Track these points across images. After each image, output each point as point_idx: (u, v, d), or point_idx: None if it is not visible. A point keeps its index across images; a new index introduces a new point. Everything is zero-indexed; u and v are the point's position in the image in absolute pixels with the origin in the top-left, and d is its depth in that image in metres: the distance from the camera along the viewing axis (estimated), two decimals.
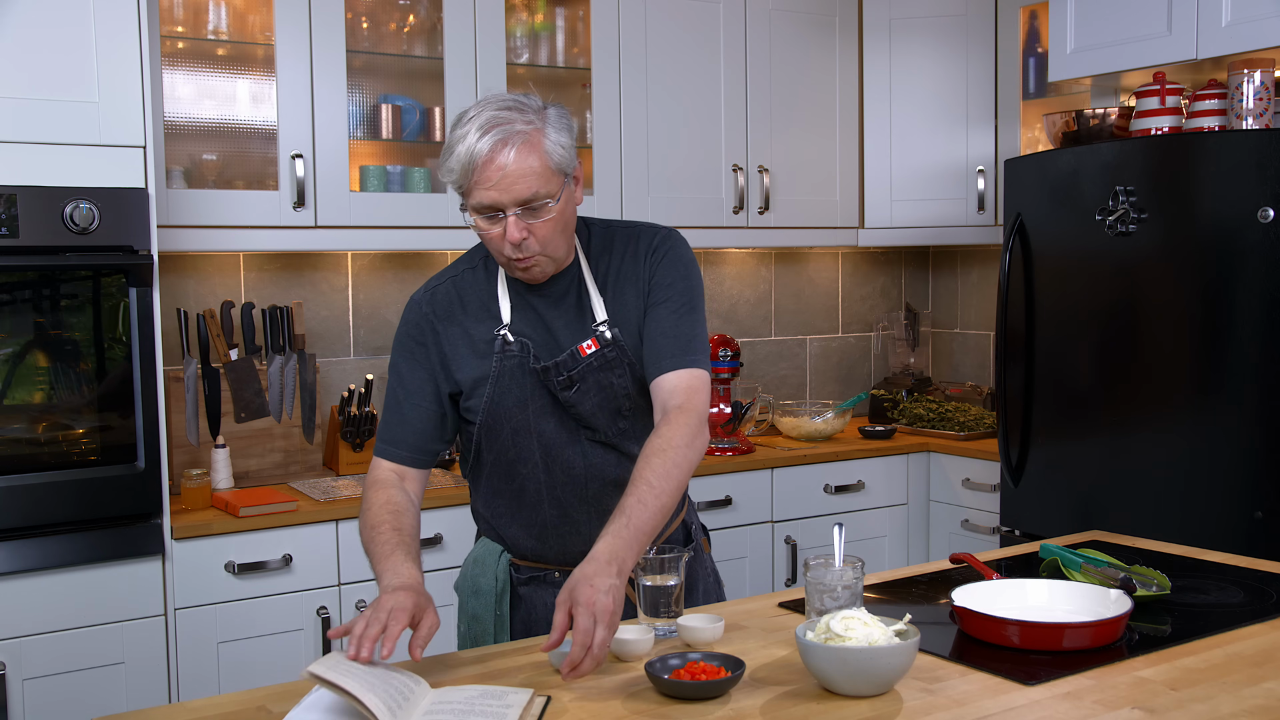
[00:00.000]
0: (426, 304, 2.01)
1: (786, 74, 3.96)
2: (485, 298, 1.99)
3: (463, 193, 1.84)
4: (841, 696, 1.57)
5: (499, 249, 1.86)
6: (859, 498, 3.84)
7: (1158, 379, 3.11)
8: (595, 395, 1.95)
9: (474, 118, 1.80)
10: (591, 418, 1.96)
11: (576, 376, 1.94)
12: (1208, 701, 1.55)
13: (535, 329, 1.96)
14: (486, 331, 1.97)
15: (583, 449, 1.98)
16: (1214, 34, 3.15)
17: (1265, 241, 2.87)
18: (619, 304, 1.97)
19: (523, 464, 1.98)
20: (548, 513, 2.00)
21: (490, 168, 1.78)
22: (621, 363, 1.96)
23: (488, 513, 2.07)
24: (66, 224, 2.61)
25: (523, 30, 3.62)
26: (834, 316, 4.54)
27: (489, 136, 1.78)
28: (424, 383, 1.99)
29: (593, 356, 1.94)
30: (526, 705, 1.54)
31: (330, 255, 3.56)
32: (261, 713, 1.58)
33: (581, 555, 1.74)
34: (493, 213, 1.82)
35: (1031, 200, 3.42)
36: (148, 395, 2.72)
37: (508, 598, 2.05)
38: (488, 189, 1.79)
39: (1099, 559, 2.07)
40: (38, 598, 2.62)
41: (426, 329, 1.99)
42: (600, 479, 1.98)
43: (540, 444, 1.97)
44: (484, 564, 2.06)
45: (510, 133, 1.78)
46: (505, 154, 1.78)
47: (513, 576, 2.06)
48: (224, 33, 3.22)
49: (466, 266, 2.04)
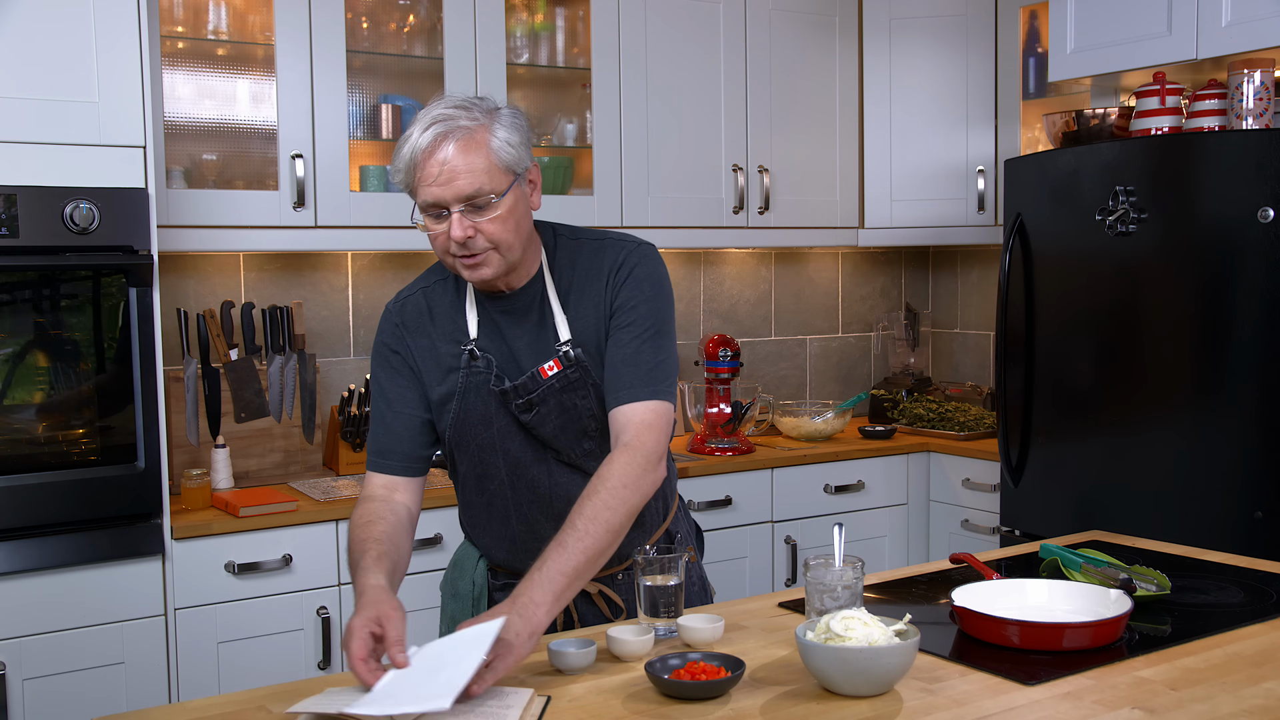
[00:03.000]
0: (397, 314, 1.99)
1: (786, 74, 3.96)
2: (453, 312, 1.96)
3: (411, 193, 1.81)
4: (841, 696, 1.57)
5: (444, 249, 1.81)
6: (859, 498, 3.84)
7: (1158, 379, 3.11)
8: (557, 418, 1.92)
9: (420, 118, 1.79)
10: (554, 439, 1.93)
11: (537, 400, 1.90)
12: (1208, 701, 1.55)
13: (499, 347, 1.93)
14: (454, 347, 1.94)
15: (549, 468, 1.95)
16: (1214, 34, 3.15)
17: (1265, 241, 2.87)
18: (580, 323, 1.92)
19: (490, 480, 1.98)
20: (515, 527, 2.00)
21: (431, 163, 1.75)
22: (585, 384, 1.91)
23: (465, 520, 2.10)
24: (66, 224, 2.61)
25: (523, 30, 3.62)
26: (834, 316, 4.54)
27: (430, 131, 1.75)
28: (405, 390, 1.96)
29: (554, 378, 1.90)
30: (526, 705, 1.54)
31: (330, 255, 3.56)
32: (261, 713, 1.58)
33: None
34: (437, 211, 1.78)
35: (1031, 200, 3.42)
36: (148, 395, 2.72)
37: (485, 602, 2.05)
38: (430, 185, 1.76)
39: (1099, 559, 2.07)
40: (38, 598, 2.62)
41: (402, 335, 1.97)
42: (565, 498, 1.91)
43: (506, 462, 1.95)
44: (462, 568, 2.08)
45: (452, 128, 1.76)
46: (445, 149, 1.75)
47: (490, 581, 2.07)
48: (224, 33, 3.22)
49: (437, 278, 2.00)
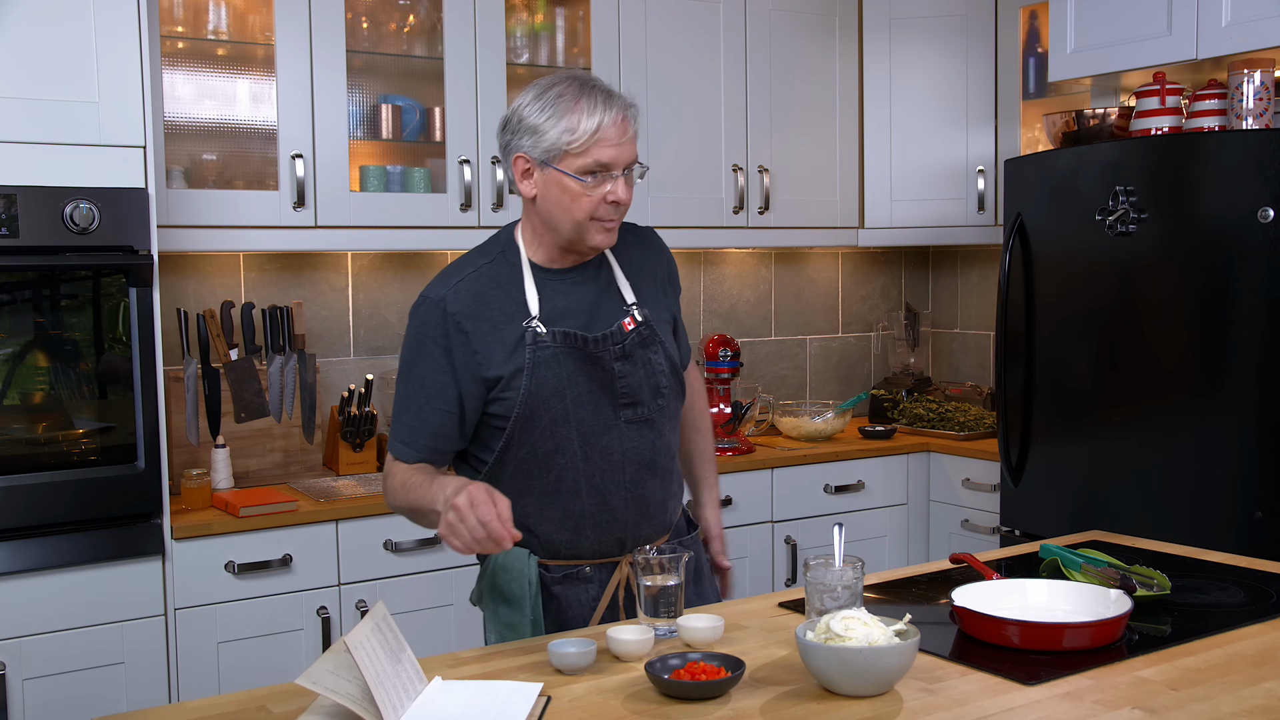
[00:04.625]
0: (449, 303, 1.98)
1: (786, 74, 3.96)
2: (511, 289, 2.00)
3: (573, 151, 1.92)
4: (841, 696, 1.57)
5: (590, 209, 1.94)
6: (859, 498, 3.84)
7: (1158, 379, 3.11)
8: (641, 369, 2.03)
9: (587, 84, 1.94)
10: (638, 390, 2.02)
11: (629, 347, 2.01)
12: (1208, 701, 1.55)
13: (569, 314, 2.00)
14: (515, 323, 1.98)
15: (620, 433, 2.01)
16: (1214, 34, 3.15)
17: (1265, 241, 2.87)
18: (640, 293, 2.08)
19: (560, 454, 1.98)
20: (586, 502, 2.00)
21: (614, 129, 1.93)
22: (655, 341, 2.05)
23: (515, 512, 2.00)
24: (66, 224, 2.61)
25: (523, 30, 3.62)
26: (834, 316, 4.54)
27: (614, 102, 1.94)
28: (445, 386, 1.98)
29: (633, 332, 2.02)
30: (531, 707, 1.54)
31: (330, 255, 3.56)
32: (261, 713, 1.58)
33: (615, 544, 2.01)
34: (605, 172, 1.93)
35: (1031, 200, 3.42)
36: (148, 395, 2.72)
37: (540, 601, 2.01)
38: (609, 147, 1.92)
39: (1099, 559, 2.07)
40: (38, 598, 2.62)
41: (451, 328, 1.97)
42: (636, 463, 2.02)
43: (579, 432, 1.99)
44: (512, 570, 2.01)
45: (627, 103, 1.97)
46: (625, 119, 1.96)
47: (544, 576, 2.03)
48: (224, 33, 3.22)
49: (484, 261, 2.04)
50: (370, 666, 1.49)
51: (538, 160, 1.94)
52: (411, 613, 3.03)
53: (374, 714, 1.46)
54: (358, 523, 3.00)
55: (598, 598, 2.03)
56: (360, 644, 1.49)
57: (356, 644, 1.48)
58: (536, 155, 1.94)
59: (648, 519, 2.05)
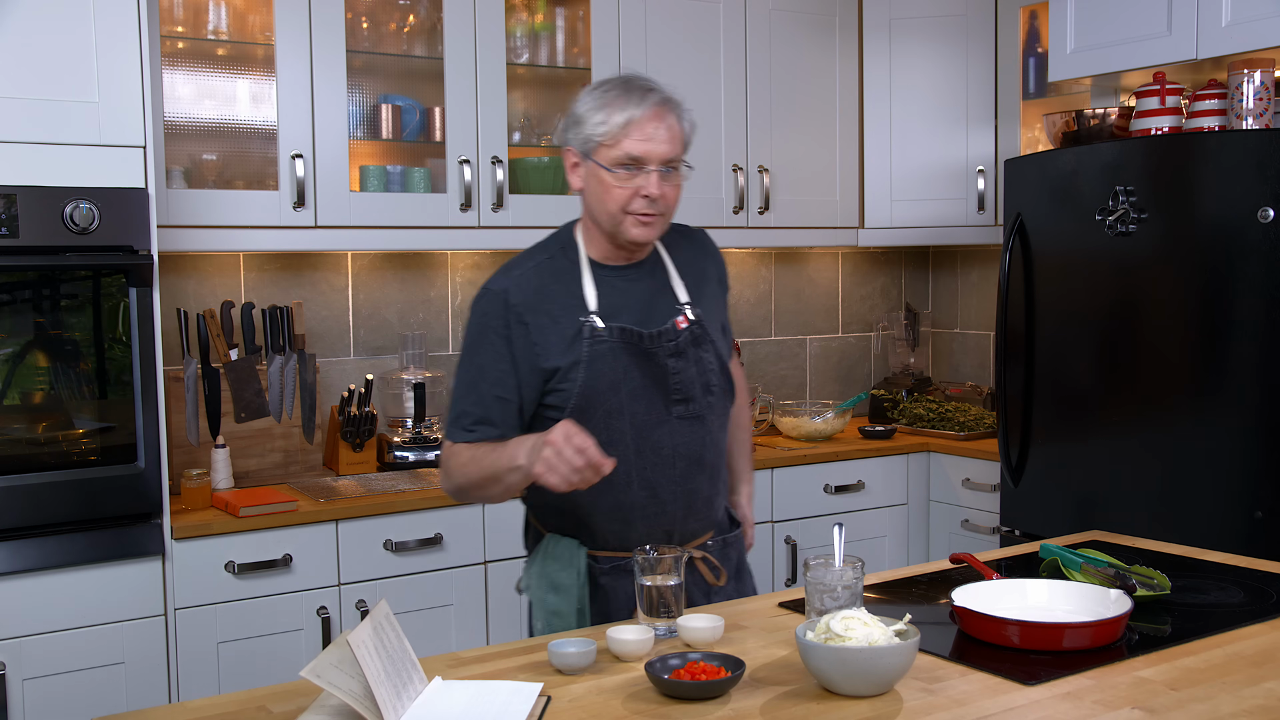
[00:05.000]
0: (513, 293, 2.04)
1: (786, 74, 3.96)
2: (570, 284, 2.06)
3: (605, 143, 1.97)
4: (841, 696, 1.57)
5: (623, 202, 1.99)
6: (859, 498, 3.84)
7: (1158, 379, 3.11)
8: (693, 366, 2.08)
9: (632, 82, 2.00)
10: (690, 387, 2.06)
11: (682, 344, 2.06)
12: (1208, 701, 1.55)
13: (624, 310, 2.06)
14: (573, 317, 2.03)
15: (670, 428, 2.05)
16: (1214, 34, 3.15)
17: (1265, 241, 2.87)
18: (693, 293, 2.14)
19: (613, 446, 1.98)
20: (636, 494, 2.04)
21: (650, 122, 1.97)
22: (706, 340, 2.10)
23: (565, 505, 2.06)
24: (66, 224, 2.61)
25: (523, 30, 3.62)
26: (834, 316, 4.54)
27: (652, 96, 1.98)
28: (505, 374, 2.03)
29: (686, 331, 2.08)
30: (531, 707, 1.54)
31: (330, 255, 3.56)
32: (261, 713, 1.58)
33: (663, 537, 2.05)
34: (638, 165, 1.97)
35: (1031, 200, 3.42)
36: (148, 395, 2.72)
37: (588, 590, 2.06)
38: (642, 140, 1.96)
39: (1099, 559, 2.07)
40: (38, 598, 2.62)
41: (512, 319, 2.03)
42: (686, 458, 2.06)
43: (632, 425, 2.03)
44: (562, 559, 2.06)
45: (668, 98, 2.01)
46: (666, 114, 1.99)
47: (593, 567, 2.07)
48: (224, 33, 3.22)
49: (545, 256, 2.10)
50: (372, 665, 1.49)
51: (580, 152, 2.02)
52: (411, 613, 3.03)
53: (374, 713, 1.46)
54: (358, 523, 3.00)
55: None
56: (362, 643, 1.50)
57: (359, 643, 1.48)
58: (578, 147, 2.02)
59: (695, 514, 2.10)
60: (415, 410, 3.46)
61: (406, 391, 3.49)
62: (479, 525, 3.14)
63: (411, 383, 3.48)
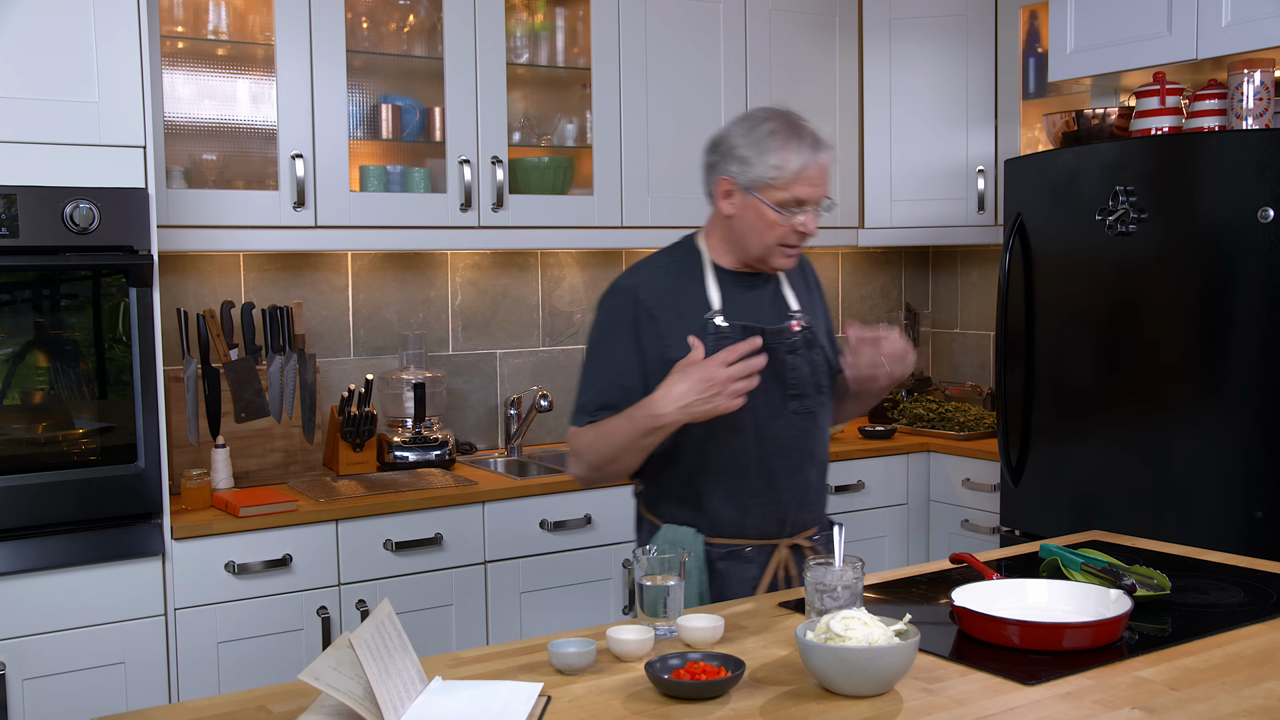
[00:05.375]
0: (643, 290, 2.19)
1: (786, 74, 3.96)
2: (695, 285, 2.22)
3: (776, 185, 2.12)
4: (841, 696, 1.57)
5: (781, 237, 2.15)
6: (859, 498, 3.84)
7: (1158, 379, 3.11)
8: (807, 365, 2.24)
9: (794, 124, 2.13)
10: (805, 383, 2.23)
11: (797, 344, 2.23)
12: (1208, 701, 1.55)
13: (744, 312, 2.21)
14: (698, 314, 2.18)
15: (787, 421, 2.21)
16: (1214, 34, 3.15)
17: (1265, 241, 2.87)
18: (803, 302, 2.31)
19: (734, 435, 2.17)
20: (754, 482, 2.19)
21: (815, 170, 2.13)
22: (816, 345, 2.27)
23: (686, 491, 2.20)
24: (66, 224, 2.61)
25: (523, 30, 3.62)
26: (834, 316, 4.53)
27: (822, 150, 2.15)
28: (632, 365, 2.16)
29: (799, 333, 2.24)
30: (531, 707, 1.54)
31: (330, 255, 3.56)
32: (261, 713, 1.58)
33: (776, 525, 2.21)
34: (801, 206, 2.13)
35: (1031, 200, 3.42)
36: (148, 395, 2.72)
37: (707, 575, 2.19)
38: (812, 186, 2.13)
39: (1099, 559, 2.07)
40: (38, 598, 2.62)
41: (641, 314, 2.18)
42: (800, 450, 2.22)
43: (752, 417, 2.16)
44: (682, 544, 2.18)
45: (828, 144, 2.18)
46: (825, 160, 2.16)
47: (708, 553, 2.20)
48: (224, 33, 3.22)
49: (669, 260, 2.27)
50: (373, 665, 1.49)
51: (741, 186, 2.16)
52: (411, 613, 3.03)
53: (375, 713, 1.46)
54: (358, 523, 3.00)
55: (757, 578, 2.21)
56: (365, 642, 1.50)
57: (361, 642, 1.49)
58: (741, 182, 2.15)
59: (806, 505, 2.25)
60: (415, 410, 3.46)
61: (406, 391, 3.49)
62: (479, 525, 3.14)
63: (411, 383, 3.48)
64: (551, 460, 3.68)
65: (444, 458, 3.48)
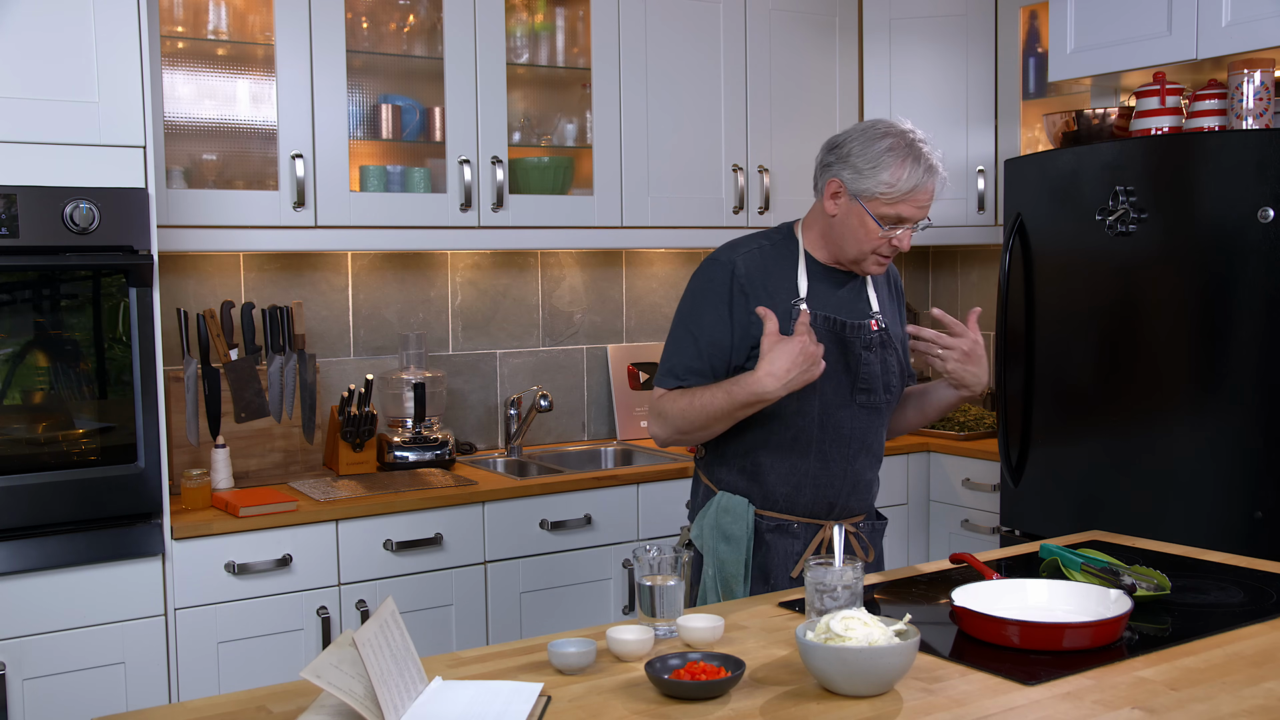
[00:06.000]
0: (740, 266, 2.28)
1: (786, 74, 3.96)
2: (787, 270, 2.31)
3: (884, 199, 2.19)
4: (841, 696, 1.57)
5: (877, 248, 2.24)
6: None
7: (1158, 379, 3.11)
8: (879, 364, 2.33)
9: (915, 146, 2.20)
10: (874, 380, 2.32)
11: (873, 342, 2.32)
12: (1208, 701, 1.55)
13: (829, 304, 2.30)
14: (785, 299, 2.28)
15: (852, 412, 2.31)
16: (1214, 34, 3.15)
17: (1265, 241, 2.87)
18: (883, 305, 2.40)
19: (800, 416, 2.27)
20: (813, 462, 2.30)
21: (924, 193, 2.22)
22: (890, 345, 2.36)
23: (746, 463, 2.31)
24: (66, 224, 2.61)
25: (523, 30, 3.62)
26: None
27: (933, 176, 2.22)
28: (721, 335, 2.26)
29: (876, 333, 2.33)
30: (531, 707, 1.54)
31: (330, 255, 3.56)
32: (261, 713, 1.58)
33: (825, 507, 2.32)
34: (900, 223, 2.21)
35: (1031, 200, 3.42)
36: (148, 395, 2.72)
37: (753, 545, 2.30)
38: (917, 208, 2.22)
39: (1099, 559, 2.07)
40: (38, 598, 2.62)
41: (735, 289, 2.27)
42: (859, 442, 2.33)
43: (820, 402, 2.28)
44: (734, 513, 2.30)
45: (941, 175, 2.26)
46: (933, 185, 2.24)
47: (758, 525, 2.30)
48: (224, 33, 3.22)
49: (767, 243, 2.34)
50: (376, 664, 1.49)
51: (850, 191, 2.22)
52: (411, 613, 3.03)
53: (375, 713, 1.46)
54: (358, 523, 3.00)
55: (800, 553, 2.31)
56: (368, 641, 1.50)
57: (364, 641, 1.49)
58: (851, 188, 2.21)
59: (857, 493, 2.36)
60: (415, 410, 3.46)
61: (406, 391, 3.49)
62: (479, 525, 3.15)
63: (411, 383, 3.48)
64: (551, 460, 3.68)
65: (444, 458, 3.48)
